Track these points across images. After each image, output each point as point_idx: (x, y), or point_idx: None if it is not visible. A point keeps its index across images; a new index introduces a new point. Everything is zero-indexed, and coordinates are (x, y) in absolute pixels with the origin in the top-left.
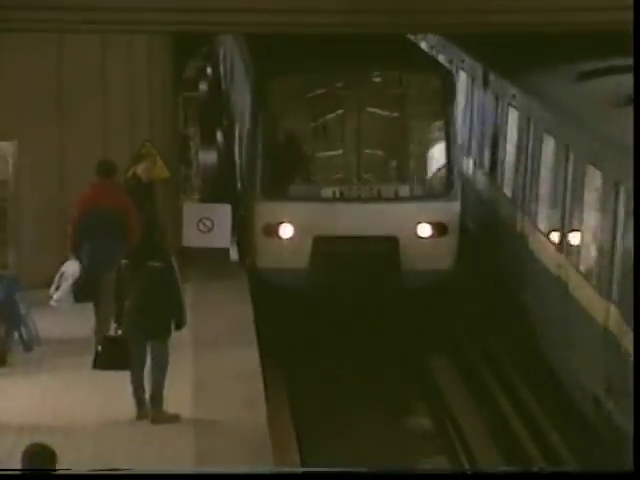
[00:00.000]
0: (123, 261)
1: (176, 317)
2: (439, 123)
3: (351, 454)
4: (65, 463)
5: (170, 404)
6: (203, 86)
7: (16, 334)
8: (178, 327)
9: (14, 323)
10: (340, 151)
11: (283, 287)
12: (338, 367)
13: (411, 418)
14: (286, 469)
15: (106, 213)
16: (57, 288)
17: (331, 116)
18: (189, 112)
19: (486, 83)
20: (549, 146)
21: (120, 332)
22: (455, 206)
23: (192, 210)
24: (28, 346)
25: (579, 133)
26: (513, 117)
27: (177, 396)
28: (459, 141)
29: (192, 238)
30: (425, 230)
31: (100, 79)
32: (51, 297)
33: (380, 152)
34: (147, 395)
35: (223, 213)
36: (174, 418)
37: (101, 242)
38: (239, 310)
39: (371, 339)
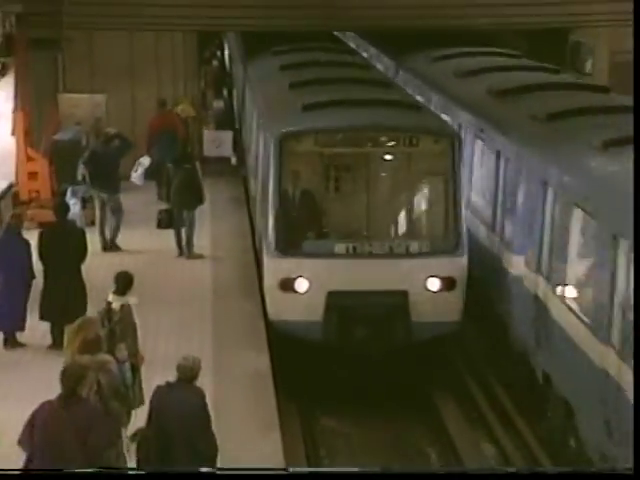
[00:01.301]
0: (168, 164)
1: (199, 197)
2: (447, 182)
3: None
4: (137, 277)
5: (197, 248)
6: (215, 62)
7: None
8: (201, 203)
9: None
10: (352, 208)
11: (299, 338)
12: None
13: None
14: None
15: (166, 130)
16: (136, 171)
17: (343, 174)
18: (207, 78)
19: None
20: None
21: (169, 206)
22: (462, 261)
23: (209, 134)
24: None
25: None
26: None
27: (201, 243)
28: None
29: (209, 150)
30: (434, 284)
31: (154, 56)
32: (132, 176)
33: (391, 209)
34: (184, 242)
35: (227, 136)
36: (200, 256)
37: (162, 146)
38: (236, 193)
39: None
